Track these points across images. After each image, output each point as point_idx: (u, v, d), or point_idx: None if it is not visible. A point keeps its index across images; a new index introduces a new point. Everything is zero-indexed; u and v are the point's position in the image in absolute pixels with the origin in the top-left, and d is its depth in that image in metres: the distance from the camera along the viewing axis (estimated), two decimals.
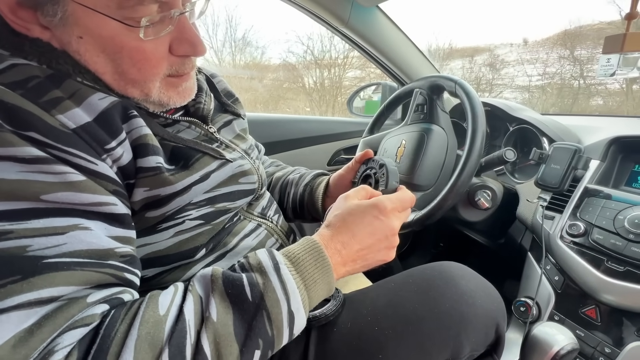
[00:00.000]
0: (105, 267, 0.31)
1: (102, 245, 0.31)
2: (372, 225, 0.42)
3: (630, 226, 0.57)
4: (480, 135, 0.64)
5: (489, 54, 5.20)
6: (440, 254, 1.35)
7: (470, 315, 0.45)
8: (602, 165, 0.69)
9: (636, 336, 0.56)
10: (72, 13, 0.34)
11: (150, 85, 0.40)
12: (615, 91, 3.88)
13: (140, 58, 0.38)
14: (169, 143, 0.43)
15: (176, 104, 0.44)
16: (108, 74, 0.38)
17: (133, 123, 0.38)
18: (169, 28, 0.38)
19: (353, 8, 0.93)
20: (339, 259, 0.40)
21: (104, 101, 0.36)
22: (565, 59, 4.29)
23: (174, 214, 0.42)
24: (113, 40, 0.36)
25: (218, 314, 0.32)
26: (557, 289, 0.66)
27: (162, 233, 0.42)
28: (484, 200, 0.75)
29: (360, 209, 0.42)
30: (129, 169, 0.37)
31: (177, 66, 0.42)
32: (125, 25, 0.35)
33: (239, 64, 5.29)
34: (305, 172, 0.70)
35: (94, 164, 0.33)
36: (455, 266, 0.52)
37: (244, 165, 0.50)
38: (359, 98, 1.50)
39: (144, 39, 0.36)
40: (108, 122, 0.35)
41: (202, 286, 0.34)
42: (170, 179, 0.40)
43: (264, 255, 0.37)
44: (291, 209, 0.69)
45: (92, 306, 0.30)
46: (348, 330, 0.47)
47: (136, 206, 0.39)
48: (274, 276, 0.34)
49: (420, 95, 0.82)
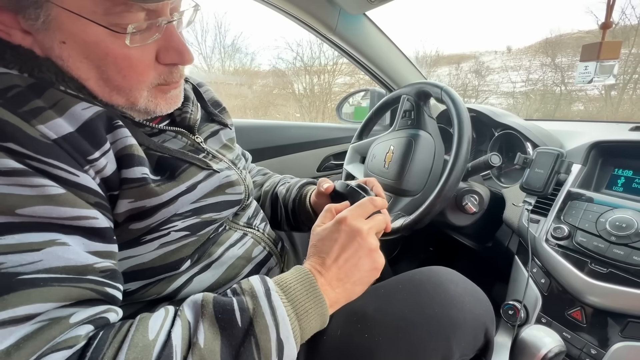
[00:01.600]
0: (84, 282, 0.30)
1: (81, 261, 0.30)
2: (338, 239, 0.41)
3: (612, 229, 0.58)
4: (466, 140, 0.65)
5: (474, 61, 5.34)
6: (430, 258, 1.36)
7: (459, 320, 0.46)
8: (583, 169, 0.70)
9: (621, 337, 0.57)
10: (55, 17, 0.33)
11: (137, 93, 0.39)
12: (595, 97, 4.02)
13: (125, 65, 0.37)
14: (155, 153, 0.43)
15: (162, 111, 0.43)
16: (92, 81, 0.37)
17: (118, 133, 0.37)
18: (156, 36, 0.37)
19: (340, 16, 0.94)
20: (323, 281, 0.38)
21: (87, 111, 0.35)
22: (547, 66, 4.44)
23: (159, 226, 0.41)
24: (98, 46, 0.35)
25: (206, 340, 0.31)
26: (544, 291, 0.67)
27: (147, 245, 0.41)
28: (471, 205, 0.76)
29: (326, 231, 0.42)
30: (112, 180, 0.36)
31: (165, 75, 0.41)
32: (111, 31, 0.34)
33: (228, 70, 5.29)
34: (291, 184, 0.69)
35: (75, 175, 0.32)
36: (444, 271, 0.52)
37: (230, 175, 0.50)
38: (348, 104, 1.51)
39: (130, 45, 0.36)
40: (91, 132, 0.34)
41: (191, 311, 0.34)
42: (156, 189, 0.39)
43: (256, 281, 0.36)
44: (285, 223, 0.69)
45: (75, 327, 0.29)
46: (338, 337, 0.47)
47: (120, 218, 0.38)
48: (264, 301, 0.34)
49: (408, 102, 0.83)
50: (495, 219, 0.83)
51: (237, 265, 0.50)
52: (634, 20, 3.65)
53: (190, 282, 0.46)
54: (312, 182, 0.69)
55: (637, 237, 0.56)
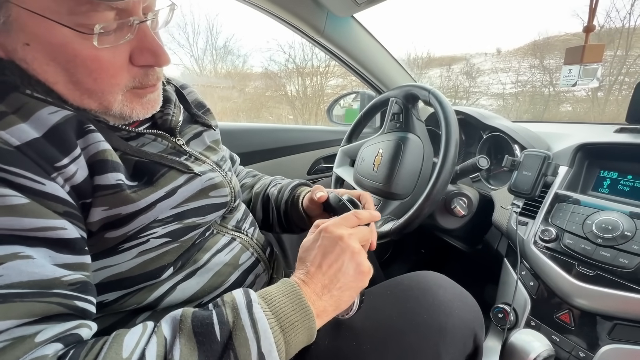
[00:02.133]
0: (50, 297, 0.29)
1: (46, 274, 0.29)
2: (320, 246, 0.40)
3: (598, 231, 0.58)
4: (454, 143, 0.65)
5: (465, 62, 5.40)
6: (422, 261, 1.36)
7: (448, 326, 0.45)
8: (570, 172, 0.71)
9: (609, 339, 0.57)
10: (16, 18, 0.32)
11: (110, 97, 0.38)
12: (582, 98, 4.10)
13: (95, 67, 0.35)
14: (132, 158, 0.41)
15: (139, 116, 0.42)
16: (61, 84, 0.35)
17: (89, 138, 0.36)
18: (128, 36, 0.36)
19: (328, 18, 0.94)
20: (309, 290, 0.37)
21: (55, 115, 0.34)
22: (535, 68, 4.51)
23: (137, 233, 0.39)
24: (65, 47, 0.33)
25: (182, 356, 0.29)
26: (533, 294, 0.67)
27: (124, 254, 0.39)
28: (460, 208, 0.76)
29: (309, 241, 0.42)
30: (84, 188, 0.35)
31: (140, 77, 0.40)
32: (77, 32, 0.33)
33: (220, 72, 5.25)
34: (283, 185, 0.68)
35: (40, 183, 0.30)
36: (433, 276, 0.52)
37: (214, 178, 0.48)
38: (339, 106, 1.50)
39: (98, 47, 0.34)
40: (59, 137, 0.33)
41: (169, 327, 0.32)
42: (132, 196, 0.38)
43: (238, 293, 0.35)
44: (278, 225, 0.67)
45: (41, 346, 0.27)
46: (326, 347, 0.46)
47: (94, 227, 0.36)
48: (245, 314, 0.32)
49: (396, 104, 0.82)
50: (485, 221, 0.83)
51: (223, 272, 0.49)
52: (618, 23, 3.74)
53: (173, 290, 0.44)
54: (304, 183, 0.67)
55: (623, 239, 0.56)
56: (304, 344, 0.35)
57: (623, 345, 0.55)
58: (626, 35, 3.73)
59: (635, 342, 0.55)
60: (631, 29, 3.73)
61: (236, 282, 0.50)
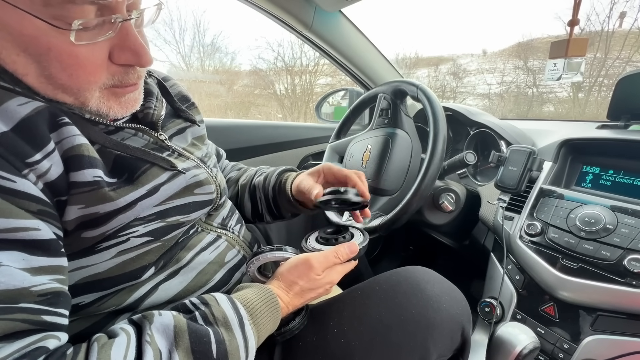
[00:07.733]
0: (14, 312, 0.26)
1: (13, 284, 0.26)
2: (299, 283, 0.44)
3: (582, 224, 0.60)
4: (442, 139, 0.65)
5: (452, 63, 5.49)
6: (411, 257, 1.37)
7: (436, 321, 0.45)
8: (554, 167, 0.72)
9: (591, 330, 0.58)
10: None
11: (87, 94, 0.35)
12: (564, 99, 4.23)
13: (71, 63, 0.33)
14: (112, 151, 0.39)
15: (117, 115, 0.39)
16: (31, 77, 0.33)
17: (64, 132, 0.33)
18: (109, 34, 0.33)
19: (316, 13, 0.93)
20: (282, 303, 0.42)
21: (24, 107, 0.31)
22: (520, 69, 4.62)
23: (116, 232, 0.37)
24: (37, 40, 0.31)
25: None
26: (519, 288, 0.68)
27: (102, 253, 0.37)
28: (447, 203, 0.76)
29: (296, 270, 0.45)
30: (59, 185, 0.32)
31: (119, 76, 0.37)
32: (53, 26, 0.30)
33: (208, 70, 5.17)
34: (268, 173, 0.66)
35: (11, 181, 0.28)
36: (421, 271, 0.52)
37: (199, 175, 0.47)
38: (327, 104, 1.50)
39: (75, 43, 0.32)
40: (30, 131, 0.31)
41: (163, 339, 0.31)
42: (111, 194, 0.35)
43: (228, 308, 0.36)
44: (267, 213, 0.65)
45: None
46: (313, 344, 0.45)
47: (69, 226, 0.34)
48: (239, 333, 0.35)
49: (384, 100, 0.82)
50: (472, 217, 0.84)
51: (208, 270, 0.47)
52: (598, 27, 3.87)
53: (154, 290, 0.42)
54: (290, 168, 0.66)
55: (604, 232, 0.57)
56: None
57: (605, 335, 0.57)
58: (605, 38, 3.87)
59: (617, 332, 0.56)
60: (610, 32, 3.87)
61: (221, 280, 0.49)
